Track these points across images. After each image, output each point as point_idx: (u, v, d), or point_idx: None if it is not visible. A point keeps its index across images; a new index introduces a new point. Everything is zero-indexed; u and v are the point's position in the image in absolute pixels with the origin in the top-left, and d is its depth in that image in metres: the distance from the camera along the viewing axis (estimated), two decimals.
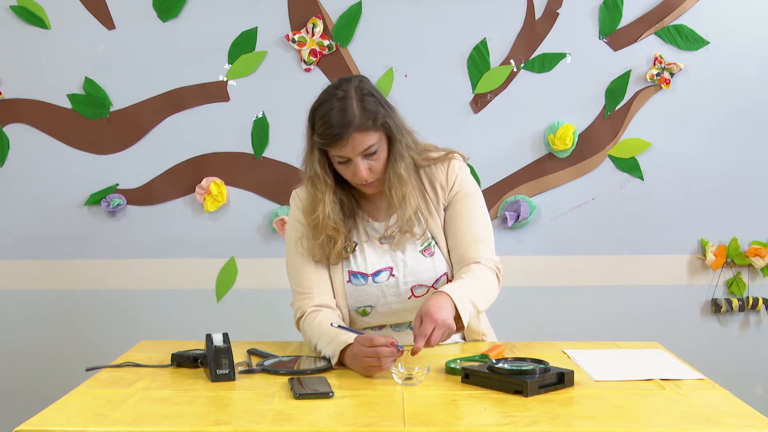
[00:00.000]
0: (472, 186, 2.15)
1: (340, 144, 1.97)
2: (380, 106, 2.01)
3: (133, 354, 2.08)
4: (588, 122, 3.27)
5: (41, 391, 2.71)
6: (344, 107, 1.97)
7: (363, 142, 1.98)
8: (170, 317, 3.30)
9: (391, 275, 2.09)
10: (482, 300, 2.02)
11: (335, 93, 2.01)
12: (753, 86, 3.26)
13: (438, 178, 2.12)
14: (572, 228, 3.30)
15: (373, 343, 1.82)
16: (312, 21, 3.21)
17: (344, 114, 1.96)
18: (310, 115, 2.04)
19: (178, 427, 1.51)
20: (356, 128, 1.96)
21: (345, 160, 2.00)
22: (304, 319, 2.09)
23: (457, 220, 2.12)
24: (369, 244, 2.12)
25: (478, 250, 2.09)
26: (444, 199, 2.13)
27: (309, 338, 2.07)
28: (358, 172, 2.00)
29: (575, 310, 3.32)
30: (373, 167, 2.02)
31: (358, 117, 1.96)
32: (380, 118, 2.00)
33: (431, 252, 2.11)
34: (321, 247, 2.09)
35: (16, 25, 3.23)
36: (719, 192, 3.30)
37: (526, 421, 1.53)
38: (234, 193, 3.29)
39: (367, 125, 1.97)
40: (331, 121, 1.96)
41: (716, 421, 1.54)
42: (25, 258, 3.31)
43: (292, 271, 2.16)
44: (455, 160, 2.14)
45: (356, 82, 2.03)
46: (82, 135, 3.27)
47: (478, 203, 2.14)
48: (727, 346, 3.35)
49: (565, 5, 3.23)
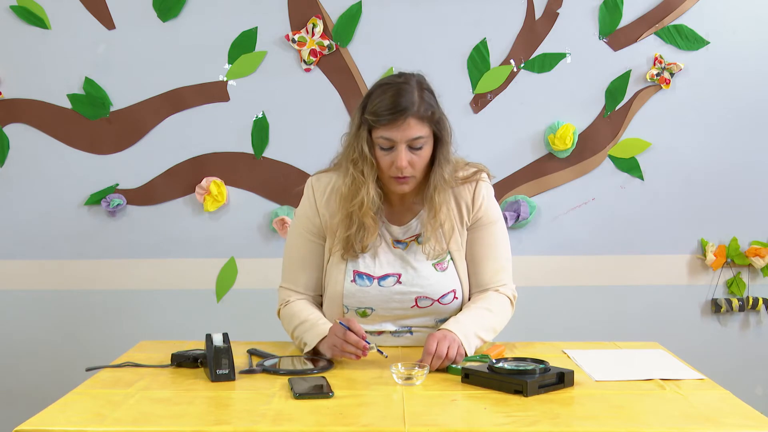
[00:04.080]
0: (497, 212, 2.16)
1: (394, 125, 1.96)
2: (436, 104, 2.03)
3: (133, 354, 2.08)
4: (588, 122, 3.27)
5: (41, 391, 2.72)
6: (406, 91, 1.98)
7: (415, 130, 1.97)
8: (170, 317, 3.30)
9: (398, 281, 2.09)
10: (488, 332, 2.05)
11: (396, 79, 2.02)
12: (753, 86, 3.26)
13: (464, 197, 2.12)
14: (572, 228, 3.30)
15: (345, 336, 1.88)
16: (312, 21, 3.21)
17: (405, 97, 1.97)
18: (364, 97, 2.04)
19: (178, 427, 1.51)
20: (413, 114, 1.96)
21: (389, 145, 1.98)
22: (286, 306, 2.13)
23: (481, 246, 2.13)
24: (382, 246, 2.11)
25: (499, 278, 2.13)
26: (468, 219, 2.13)
27: (288, 323, 2.11)
28: (399, 160, 1.97)
29: (575, 310, 3.32)
30: (413, 161, 2.00)
31: (418, 104, 1.97)
32: (437, 114, 2.01)
33: (443, 267, 2.11)
34: (348, 239, 2.06)
35: (16, 25, 3.23)
36: (719, 192, 3.30)
37: (526, 421, 1.53)
38: (234, 193, 3.29)
39: (424, 115, 1.98)
40: (391, 100, 1.96)
41: (716, 421, 1.54)
42: (25, 258, 3.31)
43: (288, 263, 2.18)
44: (483, 182, 2.14)
45: (418, 76, 2.05)
46: (82, 135, 3.27)
47: (501, 231, 2.16)
48: (727, 346, 3.35)
49: (565, 5, 3.23)
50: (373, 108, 1.98)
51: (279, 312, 2.18)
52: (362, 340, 1.88)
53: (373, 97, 2.00)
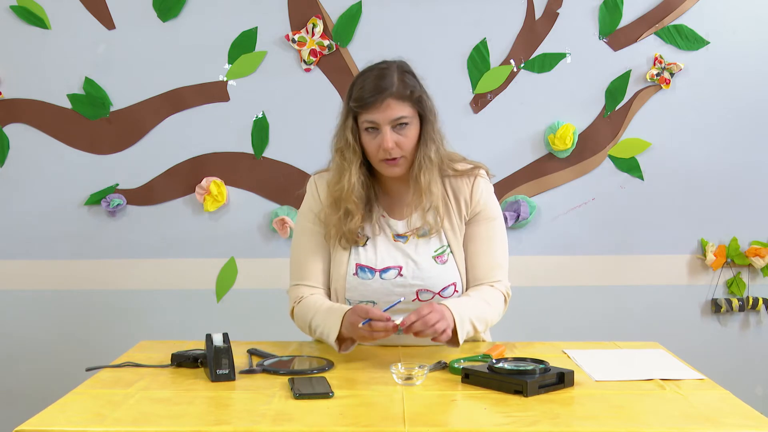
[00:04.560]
0: (496, 209, 2.17)
1: (374, 107, 2.01)
2: (418, 84, 2.07)
3: (133, 354, 2.08)
4: (588, 122, 3.27)
5: (41, 391, 2.72)
6: (384, 75, 2.04)
7: (396, 110, 2.01)
8: (170, 317, 3.30)
9: (399, 274, 2.09)
10: (482, 322, 2.05)
11: (378, 65, 2.09)
12: (753, 86, 3.26)
13: (462, 191, 2.14)
14: (572, 228, 3.30)
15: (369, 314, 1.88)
16: (312, 21, 3.21)
17: (383, 80, 2.02)
18: (349, 87, 2.09)
19: (178, 427, 1.51)
20: (392, 95, 2.01)
21: (374, 126, 2.02)
22: (300, 303, 2.11)
23: (478, 241, 2.14)
24: (382, 239, 2.12)
25: (494, 275, 2.13)
26: (466, 213, 2.14)
27: (304, 316, 2.09)
28: (385, 142, 2.01)
29: (575, 310, 3.31)
30: (400, 142, 2.03)
31: (396, 85, 2.02)
32: (417, 93, 2.05)
33: (444, 260, 2.12)
34: (337, 225, 2.09)
35: (16, 25, 3.23)
36: (719, 192, 3.30)
37: (526, 421, 1.53)
38: (234, 193, 3.29)
39: (404, 95, 2.02)
40: (372, 84, 2.02)
41: (716, 421, 1.54)
42: (25, 258, 3.31)
43: (296, 261, 2.18)
44: (481, 178, 2.16)
45: (399, 62, 2.11)
46: (82, 135, 3.27)
47: (499, 228, 2.17)
48: (727, 346, 3.35)
49: (565, 5, 3.23)
50: (356, 95, 2.04)
51: (293, 311, 2.15)
52: (388, 321, 1.88)
53: (356, 84, 2.07)
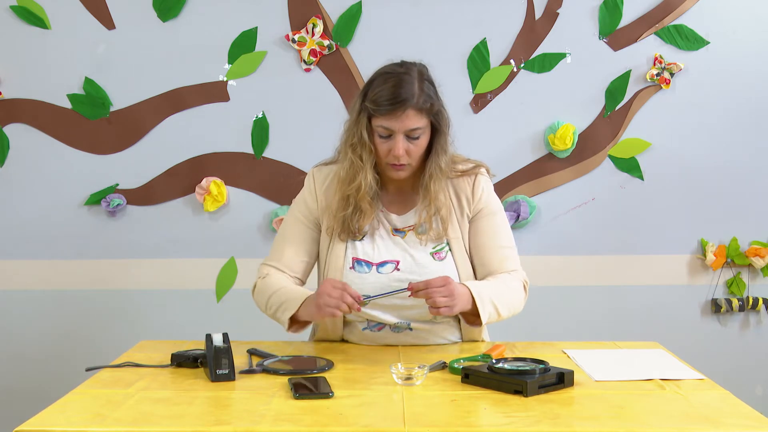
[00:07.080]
0: (498, 205, 2.18)
1: (393, 115, 1.99)
2: (437, 96, 2.06)
3: (133, 354, 2.08)
4: (588, 122, 3.27)
5: (41, 391, 2.71)
6: (406, 81, 2.01)
7: (414, 121, 2.00)
8: (170, 317, 3.30)
9: (396, 269, 2.09)
10: (505, 306, 2.05)
11: (398, 68, 2.06)
12: (753, 86, 3.26)
13: (464, 190, 2.15)
14: (572, 228, 3.30)
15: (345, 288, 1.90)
16: (312, 21, 3.21)
17: (405, 88, 2.00)
18: (366, 84, 2.07)
19: (178, 427, 1.51)
20: (412, 106, 1.99)
21: (387, 134, 2.02)
22: (265, 278, 2.13)
23: (485, 235, 2.14)
24: (380, 233, 2.13)
25: (507, 265, 2.14)
26: (468, 211, 2.15)
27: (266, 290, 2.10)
28: (396, 149, 2.01)
29: (575, 310, 3.32)
30: (410, 150, 2.03)
31: (417, 96, 2.00)
32: (435, 107, 2.04)
33: (442, 257, 2.11)
34: (344, 220, 2.09)
35: (16, 25, 3.23)
36: (719, 192, 3.30)
37: (526, 421, 1.53)
38: (234, 193, 3.29)
39: (423, 107, 2.01)
40: (391, 91, 1.99)
41: (716, 421, 1.54)
42: (25, 258, 3.31)
43: (278, 244, 2.21)
44: (481, 176, 2.17)
45: (419, 66, 2.09)
46: (82, 135, 3.27)
47: (502, 220, 2.18)
48: (727, 346, 3.35)
49: (565, 5, 3.23)
50: (374, 96, 2.01)
51: (254, 286, 2.17)
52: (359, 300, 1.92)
53: (374, 85, 2.04)
